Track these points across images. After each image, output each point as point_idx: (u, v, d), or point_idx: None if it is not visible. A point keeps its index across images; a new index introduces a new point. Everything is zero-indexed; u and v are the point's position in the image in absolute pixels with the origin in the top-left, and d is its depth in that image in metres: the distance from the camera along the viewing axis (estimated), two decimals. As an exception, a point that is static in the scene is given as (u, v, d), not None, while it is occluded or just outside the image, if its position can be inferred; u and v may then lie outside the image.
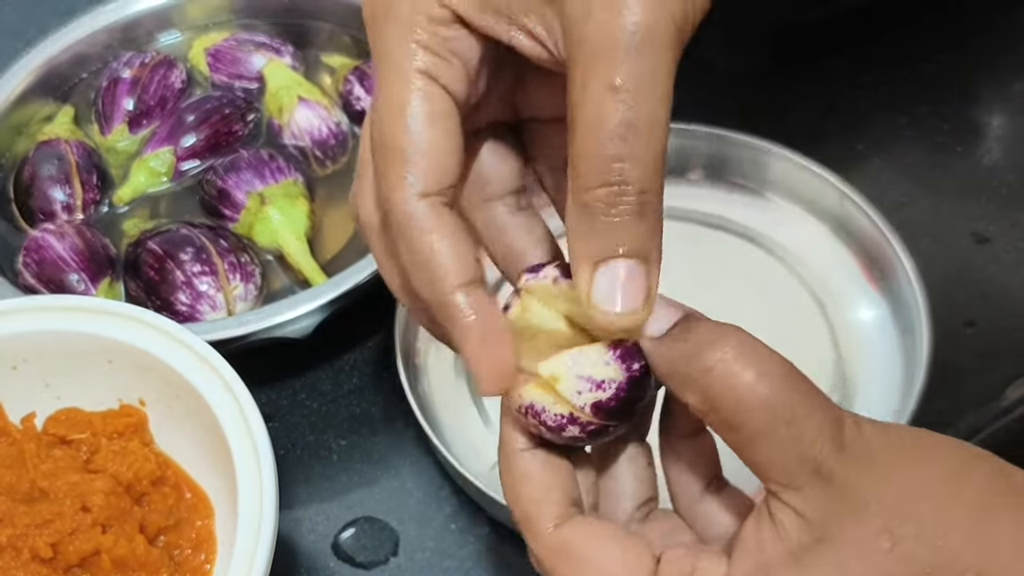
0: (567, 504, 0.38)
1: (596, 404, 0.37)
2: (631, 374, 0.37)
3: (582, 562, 0.37)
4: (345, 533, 0.60)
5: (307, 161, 0.71)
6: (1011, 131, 0.75)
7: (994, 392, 0.62)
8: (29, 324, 0.56)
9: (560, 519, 0.38)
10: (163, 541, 0.53)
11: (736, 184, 0.70)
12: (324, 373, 0.66)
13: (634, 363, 0.37)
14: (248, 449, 0.51)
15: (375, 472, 0.62)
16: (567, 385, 0.37)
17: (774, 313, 0.65)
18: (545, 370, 0.37)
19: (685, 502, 0.40)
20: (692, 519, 0.40)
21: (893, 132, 0.75)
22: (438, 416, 0.62)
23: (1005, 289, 0.67)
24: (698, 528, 0.40)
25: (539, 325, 0.38)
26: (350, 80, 0.74)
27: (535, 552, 0.38)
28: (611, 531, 0.38)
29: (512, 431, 0.39)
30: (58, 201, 0.69)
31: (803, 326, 0.64)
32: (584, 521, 0.38)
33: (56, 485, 0.52)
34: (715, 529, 0.39)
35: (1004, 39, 0.80)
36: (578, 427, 0.37)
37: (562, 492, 0.39)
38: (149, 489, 0.54)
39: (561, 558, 0.37)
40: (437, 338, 0.42)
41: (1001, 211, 0.70)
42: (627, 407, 0.37)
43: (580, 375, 0.37)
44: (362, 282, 0.61)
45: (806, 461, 0.33)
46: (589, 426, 0.37)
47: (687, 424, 0.39)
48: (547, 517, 0.38)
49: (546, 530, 0.38)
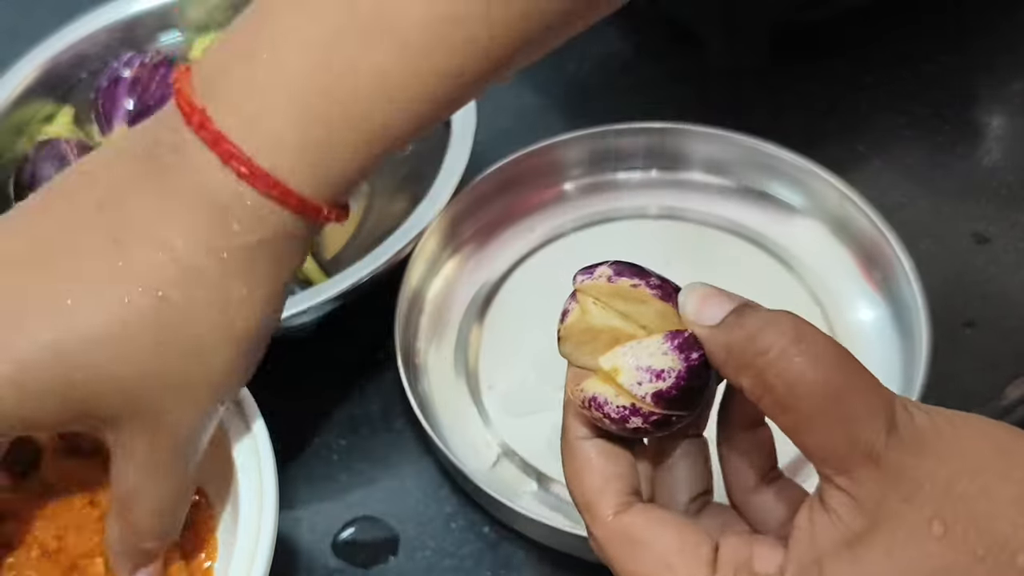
0: (628, 492, 0.39)
1: (657, 393, 0.38)
2: (689, 363, 0.38)
3: (643, 547, 0.38)
4: (345, 533, 0.60)
5: (307, 161, 0.71)
6: (1011, 131, 0.75)
7: (994, 392, 0.62)
8: (29, 324, 0.56)
9: (621, 506, 0.39)
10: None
11: (736, 184, 0.70)
12: (324, 373, 0.66)
13: (692, 352, 0.38)
14: (248, 449, 0.51)
15: (375, 472, 0.62)
16: (627, 376, 0.38)
17: (774, 313, 0.65)
18: (606, 363, 0.38)
19: (740, 493, 0.41)
20: (746, 510, 0.41)
21: (893, 132, 0.75)
22: (438, 416, 0.62)
23: (1005, 289, 0.67)
24: (752, 519, 0.40)
25: (598, 325, 0.39)
26: (350, 80, 0.74)
27: (596, 537, 0.39)
28: (671, 518, 0.39)
29: (574, 420, 0.40)
30: (58, 201, 0.69)
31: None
32: (644, 508, 0.39)
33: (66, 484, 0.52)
34: (770, 520, 0.40)
35: (1004, 39, 0.80)
36: (641, 417, 0.38)
37: (623, 480, 0.39)
38: None
39: (622, 543, 0.38)
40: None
41: (1001, 211, 0.70)
42: (687, 396, 0.38)
43: (639, 366, 0.38)
44: (362, 281, 0.61)
45: (858, 444, 0.34)
46: (652, 416, 0.38)
47: (745, 416, 0.40)
48: (608, 504, 0.39)
49: (607, 516, 0.39)
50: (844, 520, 0.35)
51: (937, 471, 0.34)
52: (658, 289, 0.39)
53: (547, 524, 0.55)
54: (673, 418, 0.38)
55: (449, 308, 0.67)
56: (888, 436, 0.34)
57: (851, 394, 0.34)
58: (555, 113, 0.77)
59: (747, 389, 0.36)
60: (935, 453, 0.34)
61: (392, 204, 0.70)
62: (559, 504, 0.59)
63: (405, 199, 0.69)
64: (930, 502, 0.34)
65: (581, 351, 0.39)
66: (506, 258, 0.69)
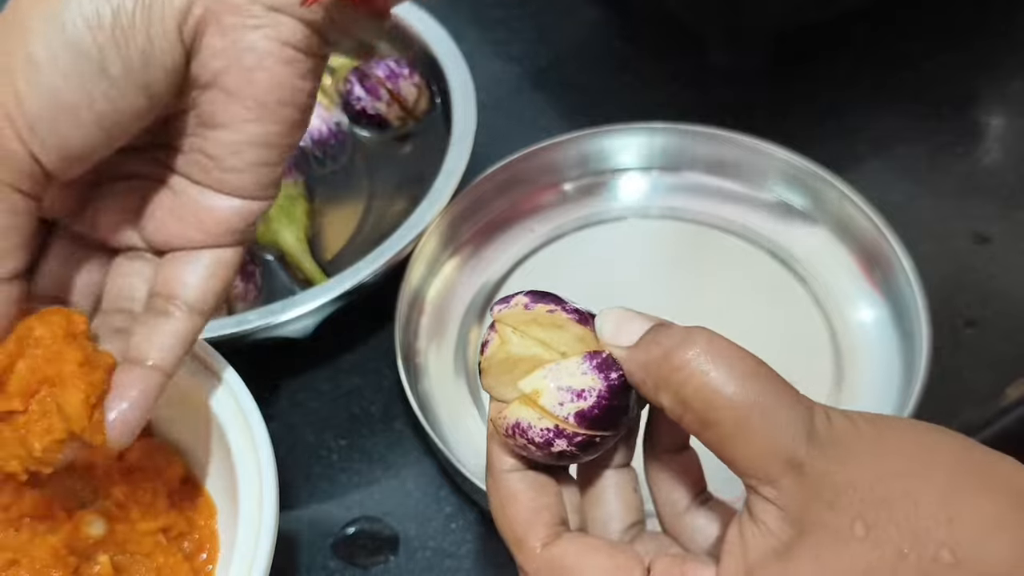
0: (555, 523, 0.39)
1: (579, 413, 0.38)
2: (609, 382, 0.38)
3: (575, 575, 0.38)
4: (345, 533, 0.60)
5: (307, 161, 0.71)
6: (1011, 131, 0.75)
7: (994, 392, 0.62)
8: (29, 324, 0.56)
9: (549, 537, 0.39)
10: (168, 540, 0.53)
11: (736, 184, 0.70)
12: (324, 373, 0.66)
13: (611, 372, 0.38)
14: (248, 449, 0.51)
15: (375, 472, 0.62)
16: (549, 398, 0.38)
17: (774, 313, 0.65)
18: (526, 386, 0.38)
19: (671, 516, 0.41)
20: (678, 533, 0.41)
21: (893, 132, 0.75)
22: (438, 416, 0.62)
23: (1005, 289, 0.67)
24: (684, 541, 0.41)
25: (518, 353, 0.39)
26: (350, 80, 0.74)
27: (527, 571, 0.39)
28: (601, 544, 0.39)
29: (499, 452, 0.40)
30: (58, 201, 0.69)
31: (803, 326, 0.64)
32: (573, 537, 0.39)
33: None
34: (702, 541, 0.40)
35: (1004, 39, 0.80)
36: (565, 439, 0.38)
37: (550, 511, 0.39)
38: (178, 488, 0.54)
39: (553, 573, 0.38)
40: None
41: (1001, 211, 0.70)
42: (610, 416, 0.38)
43: (560, 387, 0.38)
44: (362, 282, 0.62)
45: (779, 454, 0.34)
46: (576, 437, 0.38)
47: (671, 439, 0.40)
48: (537, 536, 0.39)
49: (535, 549, 0.38)
50: (772, 530, 0.35)
51: (859, 476, 0.34)
52: (575, 314, 0.39)
53: (547, 524, 0.55)
54: (597, 439, 0.38)
55: (449, 308, 0.67)
56: (809, 444, 0.34)
57: (769, 405, 0.35)
58: (555, 113, 0.77)
59: (668, 407, 0.36)
60: (856, 458, 0.34)
61: (392, 204, 0.70)
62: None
63: (405, 199, 0.69)
64: (853, 506, 0.34)
65: (501, 382, 0.39)
66: (506, 258, 0.69)
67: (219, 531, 0.54)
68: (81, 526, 0.51)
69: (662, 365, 0.36)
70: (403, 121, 0.73)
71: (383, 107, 0.73)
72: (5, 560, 0.51)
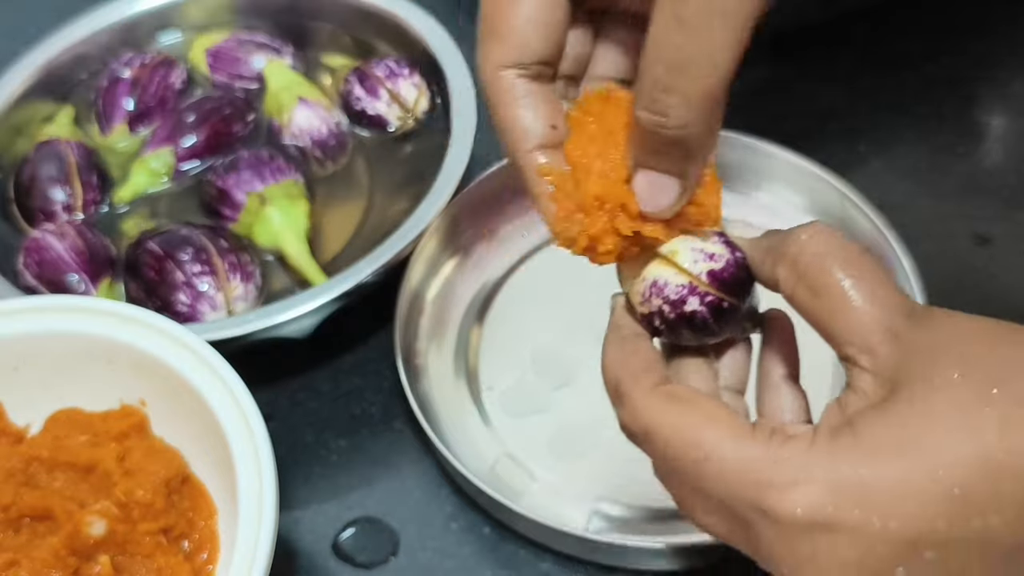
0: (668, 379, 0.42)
1: (711, 272, 0.42)
2: (735, 256, 0.42)
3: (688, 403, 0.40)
4: (345, 533, 0.60)
5: (307, 161, 0.71)
6: (1012, 132, 0.75)
7: (994, 392, 0.62)
8: (30, 324, 0.56)
9: (663, 380, 0.41)
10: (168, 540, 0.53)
11: (736, 184, 0.70)
12: (324, 373, 0.66)
13: (736, 251, 0.43)
14: (248, 449, 0.51)
15: (375, 472, 0.62)
16: (685, 256, 0.42)
17: (774, 313, 0.65)
18: (664, 249, 0.42)
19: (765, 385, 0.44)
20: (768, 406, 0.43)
21: (894, 133, 0.75)
22: (438, 416, 0.62)
23: (1005, 289, 0.67)
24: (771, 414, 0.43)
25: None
26: (350, 80, 0.74)
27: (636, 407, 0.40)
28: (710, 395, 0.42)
29: (625, 317, 0.44)
30: (58, 201, 0.69)
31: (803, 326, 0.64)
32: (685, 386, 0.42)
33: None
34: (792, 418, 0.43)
35: (1004, 39, 0.80)
36: (698, 297, 0.42)
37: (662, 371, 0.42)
38: (179, 488, 0.54)
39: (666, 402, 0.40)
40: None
41: (1002, 212, 0.70)
42: (737, 283, 0.42)
43: (694, 248, 0.42)
44: (362, 282, 0.61)
45: (881, 322, 0.38)
46: (707, 296, 0.42)
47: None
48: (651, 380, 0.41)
49: (649, 386, 0.41)
50: (868, 393, 0.38)
51: (952, 345, 0.37)
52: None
53: (547, 524, 0.55)
54: (725, 303, 0.42)
55: (449, 308, 0.67)
56: (907, 318, 0.38)
57: (876, 279, 0.38)
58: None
59: (782, 280, 0.40)
60: (949, 333, 0.38)
61: (392, 204, 0.70)
62: (559, 504, 0.59)
63: (405, 199, 0.69)
64: (946, 362, 0.36)
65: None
66: (506, 258, 0.69)
67: (219, 531, 0.54)
68: (81, 526, 0.51)
69: (784, 240, 0.40)
70: (403, 121, 0.73)
71: (383, 107, 0.73)
72: (5, 560, 0.51)
